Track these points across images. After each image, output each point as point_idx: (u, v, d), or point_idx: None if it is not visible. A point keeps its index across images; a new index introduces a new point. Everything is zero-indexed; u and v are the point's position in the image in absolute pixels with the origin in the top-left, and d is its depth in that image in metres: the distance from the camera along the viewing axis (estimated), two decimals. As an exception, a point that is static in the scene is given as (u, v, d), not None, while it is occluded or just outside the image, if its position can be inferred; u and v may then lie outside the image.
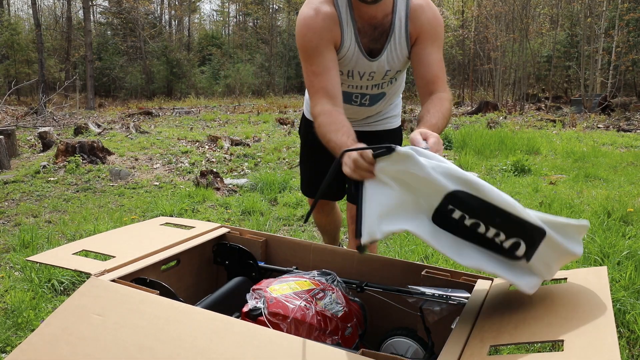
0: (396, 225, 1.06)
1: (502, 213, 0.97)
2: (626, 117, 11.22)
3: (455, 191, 0.99)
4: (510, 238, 0.99)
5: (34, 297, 2.31)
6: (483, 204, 0.98)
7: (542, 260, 1.00)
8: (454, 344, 0.94)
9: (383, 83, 1.68)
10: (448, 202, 1.00)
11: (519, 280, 1.02)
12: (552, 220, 0.98)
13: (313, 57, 1.47)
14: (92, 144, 5.88)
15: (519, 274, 1.02)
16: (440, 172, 0.99)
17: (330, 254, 1.50)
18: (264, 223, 3.51)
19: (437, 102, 1.44)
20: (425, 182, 1.00)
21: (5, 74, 20.52)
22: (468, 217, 1.00)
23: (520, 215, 0.96)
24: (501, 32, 16.97)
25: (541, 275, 1.03)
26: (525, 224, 0.97)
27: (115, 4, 24.00)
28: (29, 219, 3.72)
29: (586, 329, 0.88)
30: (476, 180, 0.98)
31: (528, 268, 1.02)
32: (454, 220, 1.02)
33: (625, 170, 5.31)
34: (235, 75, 22.87)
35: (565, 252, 0.99)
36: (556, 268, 1.03)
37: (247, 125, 10.51)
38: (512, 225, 0.97)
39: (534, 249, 0.99)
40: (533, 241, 0.98)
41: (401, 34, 1.56)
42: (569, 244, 0.99)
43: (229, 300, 1.35)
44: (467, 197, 0.98)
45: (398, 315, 1.35)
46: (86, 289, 1.13)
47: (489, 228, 0.99)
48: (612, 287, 2.30)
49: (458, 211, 1.00)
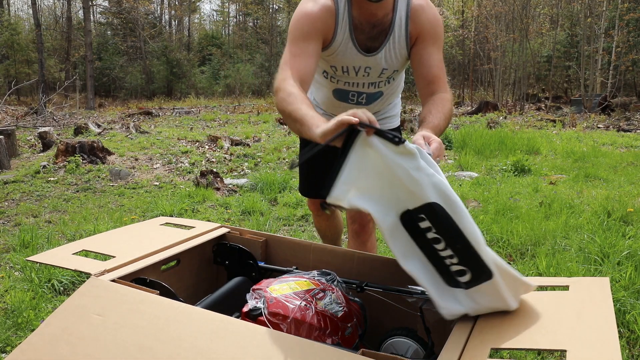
0: (365, 203, 1.07)
1: (465, 242, 1.01)
2: (626, 117, 11.22)
3: (435, 204, 1.01)
4: (461, 265, 1.04)
5: (34, 297, 2.31)
6: (453, 227, 1.01)
7: (477, 297, 1.05)
8: (454, 344, 0.94)
9: (380, 82, 1.67)
10: (424, 211, 1.03)
11: (443, 302, 1.07)
12: (505, 269, 1.02)
13: (299, 41, 1.47)
14: (92, 144, 5.88)
15: (445, 298, 1.07)
16: (432, 182, 1.01)
17: (330, 254, 1.50)
18: (264, 223, 3.51)
19: (439, 103, 1.44)
20: (414, 184, 1.02)
21: (5, 74, 20.52)
22: (433, 231, 1.03)
23: (479, 253, 1.01)
24: (501, 32, 16.97)
25: (466, 309, 1.06)
26: (480, 261, 1.01)
27: (115, 4, 24.00)
28: (29, 219, 3.72)
29: (590, 340, 0.87)
30: (459, 204, 1.01)
31: (457, 297, 1.07)
32: (419, 228, 1.05)
33: (625, 170, 5.31)
34: (235, 75, 22.87)
35: (501, 300, 1.03)
36: (485, 309, 1.06)
37: (247, 125, 10.52)
38: (468, 256, 1.02)
39: (476, 284, 1.04)
40: (478, 277, 1.03)
41: (401, 33, 1.55)
42: (508, 296, 1.03)
43: (229, 300, 1.34)
44: (443, 214, 1.01)
45: (398, 315, 1.35)
46: (86, 289, 1.13)
47: (447, 248, 1.03)
48: (612, 287, 2.30)
49: (427, 222, 1.03)
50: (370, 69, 1.61)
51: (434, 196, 1.01)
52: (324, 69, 1.67)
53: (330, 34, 1.52)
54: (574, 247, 2.87)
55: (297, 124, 1.24)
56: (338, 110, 1.78)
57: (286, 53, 1.48)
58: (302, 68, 1.43)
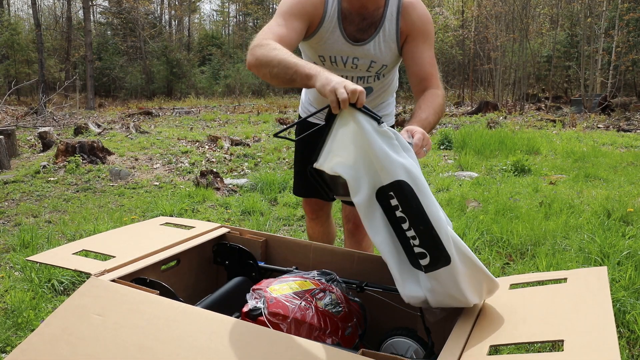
0: (344, 171, 1.13)
1: (427, 224, 1.05)
2: (626, 117, 11.22)
3: (402, 181, 1.07)
4: (421, 247, 1.07)
5: (34, 297, 2.31)
6: (418, 207, 1.06)
7: (434, 284, 1.07)
8: (454, 344, 0.94)
9: (369, 77, 1.67)
10: (393, 187, 1.08)
11: (402, 287, 1.10)
12: (469, 259, 1.06)
13: (286, 16, 1.49)
14: (92, 144, 5.88)
15: (406, 278, 1.11)
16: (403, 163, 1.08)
17: (330, 254, 1.50)
18: (264, 223, 3.51)
19: (429, 98, 1.47)
20: (387, 160, 1.07)
21: (5, 74, 20.52)
22: (400, 210, 1.08)
23: (440, 236, 1.04)
24: (501, 32, 16.96)
25: (425, 294, 1.09)
26: (439, 244, 1.05)
27: (115, 4, 24.00)
28: (29, 219, 3.72)
29: (586, 329, 0.88)
30: (426, 187, 1.07)
31: (418, 280, 1.10)
32: (390, 205, 1.10)
33: (625, 170, 5.31)
34: (235, 75, 22.87)
35: (459, 290, 1.06)
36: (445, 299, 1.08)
37: (247, 125, 10.52)
38: (428, 239, 1.05)
39: (434, 268, 1.06)
40: (437, 261, 1.06)
41: (391, 27, 1.57)
42: (466, 288, 1.06)
43: (229, 300, 1.34)
44: (410, 192, 1.06)
45: (398, 315, 1.35)
46: (86, 289, 1.13)
47: (410, 228, 1.08)
48: (612, 287, 2.30)
49: (395, 200, 1.08)
50: (357, 59, 1.61)
51: (403, 175, 1.07)
52: (313, 60, 1.68)
53: (317, 20, 1.55)
54: (574, 247, 2.87)
55: (289, 71, 1.24)
56: None
57: (272, 22, 1.50)
58: (285, 37, 1.44)
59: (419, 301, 1.11)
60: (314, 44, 1.61)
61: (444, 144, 7.15)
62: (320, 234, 2.10)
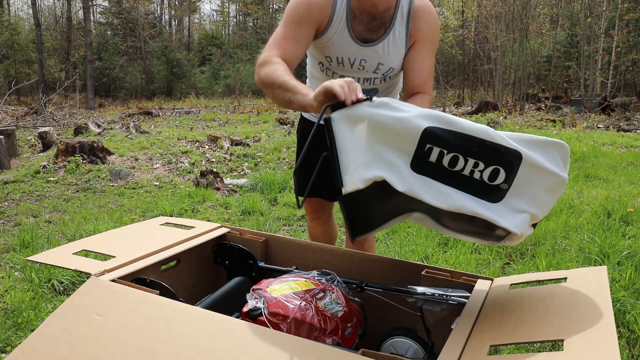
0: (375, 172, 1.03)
1: (477, 142, 0.98)
2: (626, 117, 11.22)
3: (430, 127, 1.00)
4: (488, 166, 0.99)
5: (34, 297, 2.31)
6: (458, 136, 0.99)
7: (525, 187, 1.00)
8: (454, 344, 0.94)
9: (375, 78, 1.65)
10: (426, 140, 1.01)
11: (503, 220, 1.00)
12: (530, 139, 0.99)
13: (292, 24, 1.49)
14: (92, 144, 5.88)
15: (503, 214, 1.01)
16: (415, 114, 1.02)
17: (330, 254, 1.50)
18: (264, 223, 3.51)
19: (418, 101, 1.50)
20: (403, 122, 1.01)
21: (5, 74, 20.52)
22: (446, 153, 1.00)
23: (494, 141, 0.98)
24: (501, 32, 16.96)
25: (528, 210, 1.01)
26: (501, 148, 0.98)
27: (115, 4, 24.00)
28: (29, 219, 3.72)
29: (586, 328, 0.88)
30: (448, 115, 1.01)
31: (514, 206, 1.01)
32: (432, 163, 1.02)
33: (625, 170, 5.31)
34: (235, 75, 22.87)
35: (549, 173, 0.98)
36: (544, 197, 1.01)
37: (247, 125, 10.52)
38: (488, 153, 0.98)
39: (514, 174, 0.99)
40: (511, 166, 0.99)
41: (402, 30, 1.55)
42: (551, 164, 0.98)
43: (229, 300, 1.35)
44: (442, 131, 1.00)
45: (398, 315, 1.35)
46: (86, 289, 1.13)
47: (467, 159, 1.00)
48: (612, 287, 2.30)
49: (436, 148, 1.01)
50: (365, 61, 1.60)
51: (425, 122, 1.01)
52: (320, 60, 1.66)
53: (325, 21, 1.53)
54: (574, 247, 2.87)
55: (289, 93, 1.27)
56: None
57: (277, 33, 1.50)
58: (290, 51, 1.46)
59: (528, 222, 1.01)
60: (321, 44, 1.59)
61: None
62: (321, 233, 2.09)
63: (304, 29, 1.50)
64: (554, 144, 1.00)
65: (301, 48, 1.49)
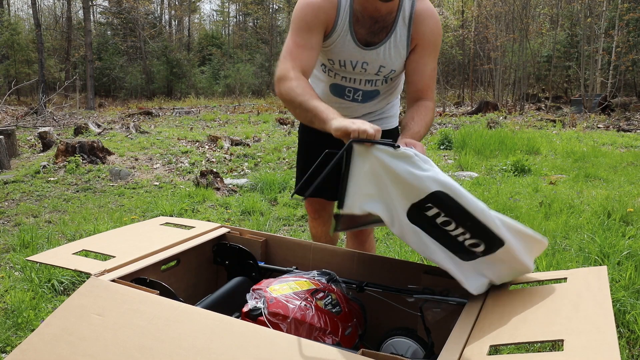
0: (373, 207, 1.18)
1: (473, 218, 1.10)
2: (626, 117, 11.22)
3: (438, 191, 1.11)
4: (474, 239, 1.13)
5: (34, 297, 2.31)
6: (459, 207, 1.11)
7: (496, 263, 1.14)
8: (454, 344, 0.94)
9: (377, 80, 1.66)
10: (429, 200, 1.12)
11: (466, 280, 1.15)
12: (517, 229, 1.12)
13: (302, 32, 1.50)
14: (92, 144, 5.88)
15: (468, 275, 1.16)
16: (431, 176, 1.12)
17: (330, 254, 1.50)
18: (264, 223, 3.51)
19: (423, 111, 1.54)
20: (416, 179, 1.12)
21: (5, 74, 20.51)
22: (442, 215, 1.13)
23: (487, 224, 1.10)
24: (501, 32, 16.96)
25: (489, 278, 1.16)
26: (490, 232, 1.10)
27: (115, 4, 23.99)
28: (29, 219, 3.72)
29: (586, 328, 0.88)
30: (457, 186, 1.11)
31: (479, 269, 1.16)
32: (427, 217, 1.14)
33: (625, 170, 5.31)
34: (235, 75, 22.87)
35: (519, 263, 1.13)
36: (507, 275, 1.17)
37: (247, 125, 10.52)
38: (478, 230, 1.11)
39: (492, 252, 1.13)
40: (493, 246, 1.12)
41: (403, 33, 1.56)
42: (524, 258, 1.13)
43: (229, 300, 1.35)
44: (447, 198, 1.11)
45: (398, 315, 1.35)
46: (86, 289, 1.13)
47: (458, 227, 1.13)
48: (612, 287, 2.30)
49: (435, 209, 1.13)
50: (367, 64, 1.60)
51: (435, 186, 1.11)
52: (322, 61, 1.67)
53: (330, 25, 1.54)
54: (574, 247, 2.87)
55: (309, 114, 1.34)
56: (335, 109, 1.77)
57: (290, 42, 1.51)
58: (305, 60, 1.48)
59: (485, 286, 1.16)
60: (325, 48, 1.60)
61: (443, 144, 7.15)
62: (322, 233, 2.09)
63: (314, 34, 1.51)
64: (537, 241, 1.14)
65: (315, 54, 1.51)
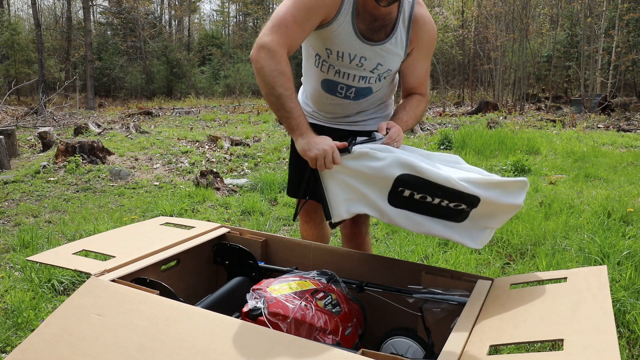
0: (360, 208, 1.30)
1: (441, 187, 1.21)
2: (626, 117, 11.22)
3: (402, 175, 1.23)
4: (452, 202, 1.23)
5: (34, 297, 2.31)
6: (425, 182, 1.21)
7: (485, 213, 1.25)
8: (454, 344, 0.94)
9: (370, 77, 1.65)
10: (398, 185, 1.24)
11: (469, 237, 1.26)
12: (490, 181, 1.22)
13: (303, 10, 1.47)
14: (92, 144, 5.88)
15: (469, 233, 1.26)
16: (390, 162, 1.22)
17: (330, 254, 1.50)
18: (264, 223, 3.51)
19: (415, 103, 1.66)
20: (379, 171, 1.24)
21: (5, 74, 20.51)
22: (416, 193, 1.24)
23: (455, 188, 1.20)
24: (501, 32, 16.96)
25: (490, 226, 1.27)
26: (462, 194, 1.21)
27: (115, 4, 23.98)
28: (29, 219, 3.72)
29: (586, 328, 0.88)
30: (418, 164, 1.22)
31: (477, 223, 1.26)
32: (405, 197, 1.26)
33: (625, 170, 5.31)
34: (235, 75, 22.87)
35: (506, 206, 1.23)
36: (502, 216, 1.28)
37: (247, 125, 10.52)
38: (451, 195, 1.21)
39: (474, 207, 1.24)
40: (472, 204, 1.23)
41: (402, 35, 1.57)
42: (508, 199, 1.23)
43: (229, 300, 1.35)
44: (411, 178, 1.22)
45: (398, 315, 1.35)
46: (86, 289, 1.13)
47: (435, 198, 1.24)
48: (612, 287, 2.30)
49: (407, 190, 1.24)
50: (365, 59, 1.59)
51: (397, 170, 1.23)
52: (317, 52, 1.63)
53: (333, 13, 1.53)
54: (574, 247, 2.87)
55: (282, 112, 1.42)
56: (326, 107, 1.76)
57: (287, 13, 1.46)
58: (295, 39, 1.47)
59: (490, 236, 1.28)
60: (324, 36, 1.57)
61: (444, 144, 7.15)
62: (314, 237, 2.03)
63: (313, 17, 1.49)
64: (515, 183, 1.23)
65: (305, 36, 1.51)
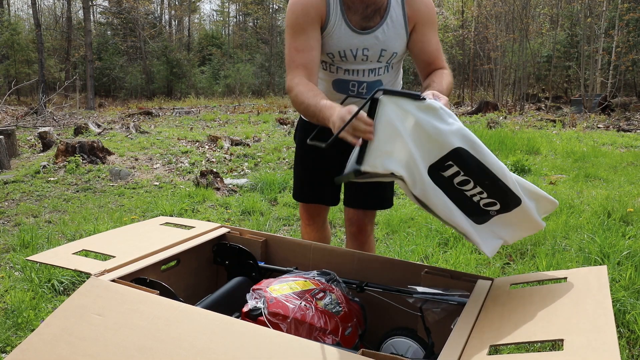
0: (396, 166, 1.10)
1: (492, 177, 1.11)
2: (626, 117, 11.22)
3: (460, 148, 1.09)
4: (490, 198, 1.14)
5: (34, 297, 2.31)
6: (479, 165, 1.10)
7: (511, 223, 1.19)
8: (454, 344, 0.94)
9: (379, 68, 1.65)
10: (450, 157, 1.10)
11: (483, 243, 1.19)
12: (531, 190, 1.16)
13: (298, 34, 1.52)
14: (92, 144, 5.88)
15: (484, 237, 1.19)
16: (455, 129, 1.10)
17: (330, 254, 1.50)
18: (264, 223, 3.51)
19: (440, 75, 1.55)
20: (439, 134, 1.09)
21: (5, 74, 20.50)
22: (461, 174, 1.12)
23: (506, 183, 1.12)
24: (501, 32, 16.96)
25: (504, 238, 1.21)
26: (508, 191, 1.13)
27: (115, 4, 23.98)
28: (29, 219, 3.72)
29: (586, 328, 0.88)
30: (480, 144, 1.10)
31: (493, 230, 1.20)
32: (444, 177, 1.13)
33: (625, 170, 5.31)
34: (235, 75, 22.86)
35: (532, 221, 1.18)
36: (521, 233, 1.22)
37: (247, 125, 10.52)
38: (496, 189, 1.13)
39: (507, 212, 1.16)
40: (508, 206, 1.15)
41: (398, 14, 1.57)
42: (537, 216, 1.18)
43: (229, 300, 1.35)
44: (468, 155, 1.10)
45: (398, 315, 1.35)
46: (86, 289, 1.13)
47: (476, 187, 1.13)
48: (612, 287, 2.30)
49: (455, 167, 1.11)
50: (367, 50, 1.59)
51: (458, 142, 1.09)
52: (322, 59, 1.65)
53: (323, 17, 1.55)
54: (574, 247, 2.87)
55: (315, 117, 1.39)
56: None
57: (290, 48, 1.53)
58: (308, 61, 1.51)
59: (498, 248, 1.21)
60: (323, 42, 1.59)
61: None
62: (315, 239, 2.02)
63: (310, 32, 1.52)
64: (549, 201, 1.19)
65: (316, 52, 1.53)
